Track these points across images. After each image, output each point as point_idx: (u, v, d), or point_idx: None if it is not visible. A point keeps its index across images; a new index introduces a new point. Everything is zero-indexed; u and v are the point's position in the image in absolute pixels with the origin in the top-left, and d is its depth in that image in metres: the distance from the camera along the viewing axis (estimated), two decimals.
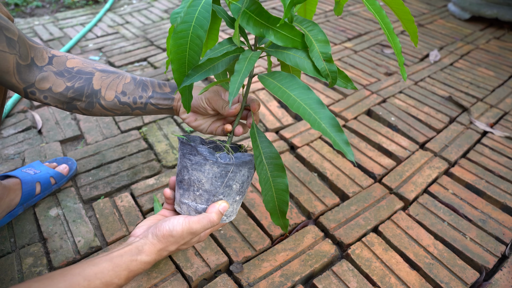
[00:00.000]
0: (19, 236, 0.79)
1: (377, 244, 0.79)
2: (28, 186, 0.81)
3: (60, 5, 2.12)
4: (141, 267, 0.49)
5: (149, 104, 0.65)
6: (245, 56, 0.49)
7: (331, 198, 0.90)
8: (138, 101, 0.64)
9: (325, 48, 0.49)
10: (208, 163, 0.52)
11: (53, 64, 0.61)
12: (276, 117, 1.17)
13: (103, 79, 0.63)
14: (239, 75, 0.47)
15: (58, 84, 0.60)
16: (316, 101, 0.48)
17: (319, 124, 0.46)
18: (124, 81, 0.64)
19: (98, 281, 0.45)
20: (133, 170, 0.96)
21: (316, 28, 0.50)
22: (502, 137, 1.12)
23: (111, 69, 0.65)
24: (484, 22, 1.92)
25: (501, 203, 0.91)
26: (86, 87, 0.62)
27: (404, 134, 1.12)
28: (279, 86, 0.50)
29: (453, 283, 0.73)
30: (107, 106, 0.63)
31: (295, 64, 0.50)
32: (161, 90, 0.65)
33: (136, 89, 0.64)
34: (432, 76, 1.43)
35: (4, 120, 1.13)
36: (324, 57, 0.49)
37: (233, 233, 0.81)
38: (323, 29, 1.77)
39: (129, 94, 0.64)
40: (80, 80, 0.61)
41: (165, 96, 0.65)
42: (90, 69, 0.63)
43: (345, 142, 0.46)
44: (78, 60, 0.63)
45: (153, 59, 1.48)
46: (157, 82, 0.66)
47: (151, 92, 0.65)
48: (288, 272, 0.73)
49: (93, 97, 0.62)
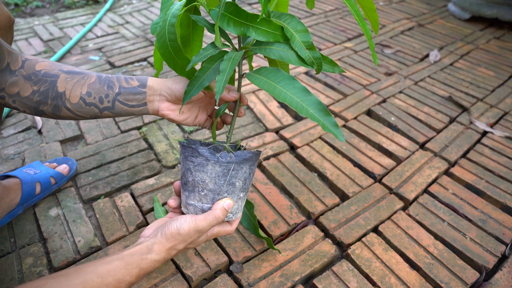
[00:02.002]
0: (19, 236, 0.79)
1: (377, 244, 0.80)
2: (28, 186, 0.81)
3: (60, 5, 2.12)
4: (151, 265, 0.50)
5: (117, 102, 0.61)
6: (229, 57, 0.51)
7: (331, 198, 0.90)
8: (105, 99, 0.61)
9: (305, 37, 0.50)
10: (210, 163, 0.53)
11: (24, 67, 0.59)
12: (276, 117, 1.17)
13: (68, 80, 0.60)
14: (224, 74, 0.49)
15: (26, 89, 0.59)
16: (301, 89, 0.50)
17: (307, 110, 0.48)
18: (89, 81, 0.60)
19: (111, 278, 0.46)
20: (133, 170, 0.96)
21: (294, 19, 0.51)
22: (502, 137, 1.12)
23: (77, 70, 0.62)
24: (484, 22, 1.92)
25: (501, 203, 0.91)
26: (50, 90, 0.59)
27: (404, 134, 1.12)
28: (265, 80, 0.52)
29: (453, 283, 0.73)
30: (73, 108, 0.61)
31: (279, 57, 0.52)
32: (128, 85, 0.61)
33: (101, 87, 0.60)
34: (432, 76, 1.43)
35: (4, 120, 1.13)
36: (306, 46, 0.50)
37: (233, 233, 0.81)
38: (323, 29, 1.77)
39: (94, 94, 0.60)
40: (45, 83, 0.59)
41: (134, 91, 0.61)
42: (56, 72, 0.60)
43: (334, 125, 0.47)
44: (46, 63, 0.61)
45: (153, 59, 1.48)
46: (124, 77, 0.62)
47: (118, 88, 0.61)
48: (288, 272, 0.73)
49: (58, 100, 0.60)
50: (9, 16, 0.64)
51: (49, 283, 0.42)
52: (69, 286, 0.43)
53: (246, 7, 2.01)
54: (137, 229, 0.81)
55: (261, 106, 1.21)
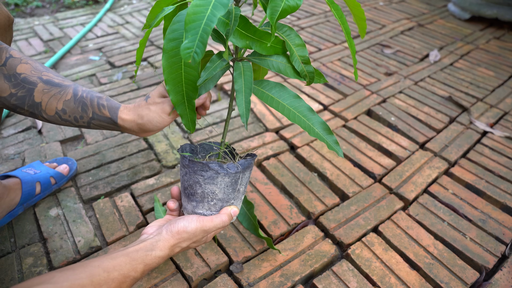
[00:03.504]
0: (19, 236, 0.79)
1: (377, 244, 0.79)
2: (28, 186, 0.81)
3: (60, 5, 2.12)
4: (155, 261, 0.52)
5: (93, 125, 0.61)
6: (238, 72, 0.53)
7: (331, 198, 0.90)
8: (80, 120, 0.61)
9: (302, 52, 0.54)
10: (220, 175, 0.55)
11: (6, 66, 0.58)
12: (276, 117, 1.17)
13: (45, 92, 0.59)
14: (242, 94, 0.51)
15: (4, 89, 0.58)
16: (307, 109, 0.54)
17: (314, 130, 0.54)
18: (64, 98, 0.60)
19: (117, 273, 0.47)
20: (133, 170, 0.96)
21: (292, 32, 0.54)
22: (502, 137, 1.12)
23: (56, 80, 0.61)
24: (484, 22, 1.92)
25: (501, 203, 0.91)
26: (27, 98, 0.59)
27: (404, 134, 1.12)
28: (272, 97, 0.55)
29: (453, 283, 0.73)
30: (50, 119, 0.61)
31: (277, 70, 0.55)
32: (100, 113, 0.61)
33: (76, 108, 0.60)
34: (432, 76, 1.43)
35: (4, 120, 1.13)
36: (302, 60, 0.54)
37: (233, 233, 0.81)
38: (323, 29, 1.77)
39: (69, 113, 0.60)
40: (23, 89, 0.59)
41: (107, 121, 0.61)
42: (35, 79, 0.59)
43: (335, 142, 0.54)
44: (28, 66, 0.60)
45: (153, 59, 1.48)
46: (97, 101, 0.61)
47: (91, 113, 0.61)
48: (288, 272, 0.73)
49: (34, 109, 0.59)
50: (8, 15, 0.64)
51: (57, 276, 0.43)
52: (76, 279, 0.44)
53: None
54: (137, 229, 0.81)
55: (261, 106, 1.21)
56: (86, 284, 0.44)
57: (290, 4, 0.47)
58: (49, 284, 0.42)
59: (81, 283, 0.44)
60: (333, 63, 1.48)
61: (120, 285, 0.48)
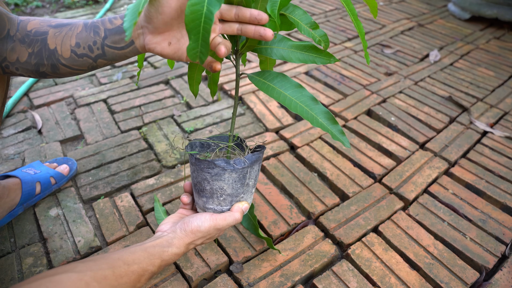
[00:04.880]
0: (19, 236, 0.79)
1: (377, 244, 0.79)
2: (28, 186, 0.81)
3: (60, 5, 2.12)
4: (172, 257, 0.53)
5: (106, 47, 0.56)
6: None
7: (331, 198, 0.90)
8: (94, 47, 0.57)
9: (307, 19, 0.52)
10: (226, 172, 0.56)
11: (19, 30, 0.56)
12: (276, 117, 1.17)
13: (56, 35, 0.56)
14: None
15: (22, 53, 0.56)
16: (309, 98, 0.52)
17: (317, 120, 0.51)
18: (76, 31, 0.56)
19: (136, 266, 0.49)
20: (133, 170, 0.96)
21: (290, 6, 0.52)
22: (502, 137, 1.12)
23: (65, 21, 0.58)
24: (484, 22, 1.92)
25: (501, 203, 0.91)
26: (43, 50, 0.56)
27: (404, 134, 1.12)
28: (273, 87, 0.53)
29: (453, 283, 0.73)
30: (69, 64, 0.57)
31: (281, 57, 0.53)
32: (112, 25, 0.56)
33: (88, 35, 0.56)
34: (432, 76, 1.43)
35: (4, 120, 1.13)
36: (310, 26, 0.52)
37: (233, 233, 0.81)
38: (323, 29, 1.77)
39: (83, 44, 0.56)
40: (37, 43, 0.56)
41: (119, 31, 0.55)
42: (45, 28, 0.57)
43: (340, 132, 0.51)
44: (36, 21, 0.58)
45: (153, 59, 1.48)
46: (108, 18, 0.57)
47: (103, 32, 0.56)
48: (288, 272, 0.73)
49: (52, 58, 0.56)
50: None
51: (79, 266, 0.44)
52: (98, 269, 0.45)
53: None
54: (137, 229, 0.81)
55: (261, 106, 1.21)
56: (108, 275, 0.45)
57: None
58: (73, 272, 0.43)
59: (103, 273, 0.45)
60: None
61: (139, 278, 0.49)
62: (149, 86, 1.32)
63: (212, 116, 1.18)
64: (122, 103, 1.21)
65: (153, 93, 1.27)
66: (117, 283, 0.46)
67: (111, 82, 1.33)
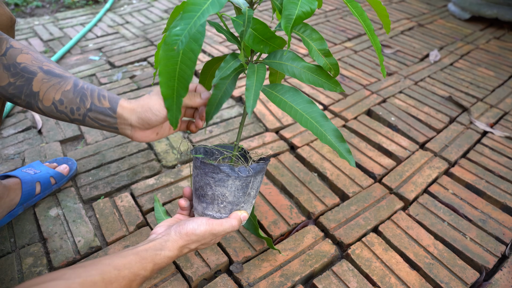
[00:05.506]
0: (19, 236, 0.79)
1: (377, 244, 0.79)
2: (28, 186, 0.81)
3: (60, 5, 2.12)
4: (164, 261, 0.52)
5: (88, 118, 0.60)
6: (252, 70, 0.51)
7: (331, 198, 0.90)
8: (76, 112, 0.59)
9: (321, 45, 0.53)
10: (230, 178, 0.55)
11: (6, 56, 0.57)
12: (276, 117, 1.17)
13: (44, 82, 0.58)
14: (252, 89, 0.49)
15: (3, 78, 0.57)
16: (320, 115, 0.53)
17: (326, 137, 0.52)
18: (64, 88, 0.59)
19: (127, 271, 0.48)
20: (133, 170, 0.96)
21: (308, 28, 0.54)
22: (502, 137, 1.12)
23: (57, 71, 0.60)
24: (484, 22, 1.92)
25: (501, 203, 0.91)
26: (25, 87, 0.58)
27: (404, 134, 1.12)
28: (285, 101, 0.54)
29: (453, 283, 0.73)
30: (45, 110, 0.60)
31: (292, 74, 0.54)
32: (100, 104, 0.59)
33: (74, 98, 0.59)
34: (432, 76, 1.43)
35: (4, 120, 1.13)
36: (322, 53, 0.53)
37: (233, 233, 0.81)
38: (323, 29, 1.77)
39: (66, 103, 0.59)
40: (22, 78, 0.58)
41: (105, 112, 0.59)
42: (35, 69, 0.59)
43: (347, 151, 0.52)
44: (28, 57, 0.59)
45: (153, 59, 1.48)
46: (98, 92, 0.60)
47: (89, 104, 0.59)
48: (288, 272, 0.73)
49: (31, 98, 0.59)
50: (11, 16, 0.64)
51: (68, 273, 0.44)
52: (87, 276, 0.44)
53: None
54: (137, 229, 0.81)
55: (261, 106, 1.21)
56: (98, 281, 0.44)
57: (304, 10, 0.46)
58: (62, 280, 0.42)
59: (92, 279, 0.44)
60: None
61: (130, 283, 0.48)
62: (149, 86, 1.32)
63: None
64: None
65: None
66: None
67: (111, 82, 1.33)
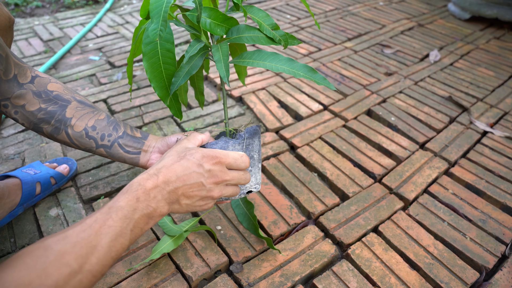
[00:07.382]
0: (19, 236, 0.79)
1: (377, 244, 0.80)
2: (28, 186, 0.81)
3: (60, 5, 2.12)
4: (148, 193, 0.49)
5: (117, 144, 0.65)
6: (216, 49, 0.58)
7: (331, 198, 0.90)
8: (106, 138, 0.64)
9: (269, 20, 0.59)
10: (229, 144, 0.60)
11: (34, 83, 0.62)
12: (276, 117, 1.17)
13: (78, 109, 0.63)
14: (221, 61, 0.56)
15: (33, 103, 0.61)
16: (287, 60, 0.58)
17: (299, 74, 0.56)
18: (97, 117, 0.65)
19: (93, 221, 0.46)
20: (133, 170, 0.96)
21: (253, 8, 0.60)
22: (502, 137, 1.12)
23: (89, 103, 0.66)
24: (484, 22, 1.92)
25: (501, 203, 0.91)
26: (58, 112, 0.62)
27: (404, 134, 1.12)
28: (252, 61, 0.59)
29: (453, 283, 0.73)
30: (73, 136, 0.63)
31: (252, 41, 0.59)
32: (131, 133, 0.67)
33: (107, 126, 0.65)
34: (432, 76, 1.43)
35: (4, 120, 1.13)
36: (271, 27, 0.59)
37: (233, 233, 0.81)
38: (323, 29, 1.77)
39: (98, 130, 0.64)
40: (55, 104, 0.62)
41: (134, 139, 0.66)
42: (69, 97, 0.64)
43: (323, 79, 0.56)
44: (59, 86, 0.64)
45: None
46: (130, 126, 0.68)
47: (122, 133, 0.66)
48: (288, 272, 0.73)
49: (61, 123, 0.62)
50: (9, 16, 0.64)
51: (48, 241, 0.42)
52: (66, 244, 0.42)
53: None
54: None
55: (261, 106, 1.21)
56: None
57: None
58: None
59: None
60: (333, 63, 1.48)
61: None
62: (149, 86, 1.32)
63: (212, 116, 1.18)
64: (122, 103, 1.21)
65: (153, 93, 1.27)
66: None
67: (111, 82, 1.34)
